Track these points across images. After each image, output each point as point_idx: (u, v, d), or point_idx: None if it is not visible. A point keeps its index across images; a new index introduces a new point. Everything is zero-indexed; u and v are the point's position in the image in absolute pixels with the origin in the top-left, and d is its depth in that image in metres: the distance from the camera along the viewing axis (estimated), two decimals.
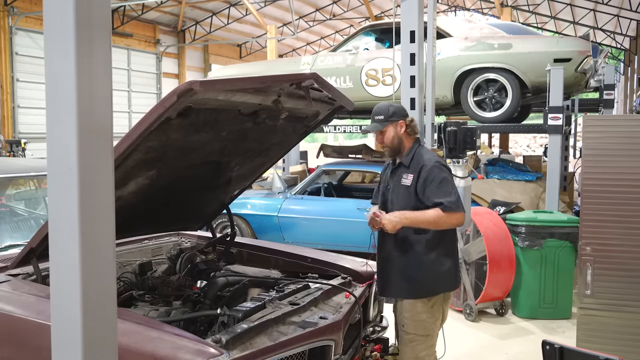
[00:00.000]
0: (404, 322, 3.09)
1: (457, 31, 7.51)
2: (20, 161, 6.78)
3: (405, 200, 3.07)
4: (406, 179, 3.08)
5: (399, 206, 3.06)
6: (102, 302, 1.29)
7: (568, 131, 8.26)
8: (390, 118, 3.12)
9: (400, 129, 3.12)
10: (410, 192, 3.05)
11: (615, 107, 13.99)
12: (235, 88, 2.45)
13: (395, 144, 3.13)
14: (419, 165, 3.07)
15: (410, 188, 3.05)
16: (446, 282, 3.11)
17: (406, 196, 3.07)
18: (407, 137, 3.16)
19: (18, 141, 13.62)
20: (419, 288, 3.05)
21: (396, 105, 3.19)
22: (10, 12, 15.24)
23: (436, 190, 2.97)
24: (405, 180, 3.08)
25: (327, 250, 4.11)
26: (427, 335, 3.08)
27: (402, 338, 3.12)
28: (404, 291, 3.08)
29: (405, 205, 3.04)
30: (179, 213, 3.36)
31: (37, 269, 2.65)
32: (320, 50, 26.33)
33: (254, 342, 2.27)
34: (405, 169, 3.12)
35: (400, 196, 3.10)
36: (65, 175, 1.24)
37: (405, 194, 3.07)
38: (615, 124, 4.11)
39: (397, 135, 3.12)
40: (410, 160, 3.13)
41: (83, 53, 1.21)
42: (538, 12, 22.51)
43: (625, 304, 3.97)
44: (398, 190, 3.12)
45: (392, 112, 3.12)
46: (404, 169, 3.13)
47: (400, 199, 3.09)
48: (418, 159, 3.10)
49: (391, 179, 3.19)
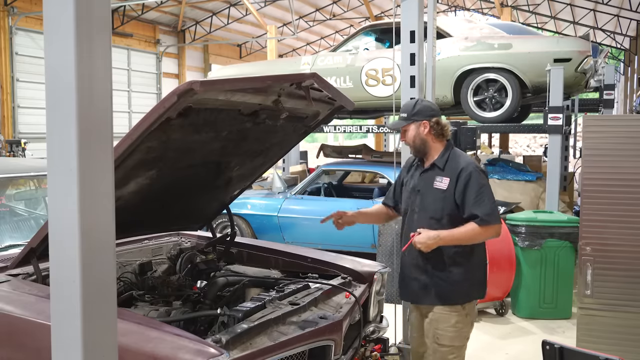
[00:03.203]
0: (438, 334, 2.91)
1: (457, 31, 7.51)
2: (20, 161, 6.78)
3: (440, 205, 2.88)
4: (441, 183, 2.89)
5: (431, 211, 2.89)
6: (102, 302, 1.29)
7: (568, 131, 8.25)
8: (412, 117, 2.95)
9: (424, 130, 2.93)
10: (447, 197, 2.87)
11: (615, 107, 13.99)
12: (236, 88, 2.45)
13: (418, 145, 2.96)
14: (457, 169, 2.88)
15: (447, 192, 2.87)
16: (479, 288, 3.01)
17: (440, 201, 2.88)
18: (434, 139, 2.95)
19: (18, 141, 13.62)
20: (455, 295, 2.91)
21: (424, 103, 3.02)
22: (10, 12, 15.23)
23: (474, 199, 2.81)
24: (439, 183, 2.89)
25: (327, 250, 4.11)
26: (462, 346, 2.95)
27: (437, 351, 2.93)
28: (438, 298, 2.91)
29: (438, 211, 2.88)
30: (179, 213, 3.36)
31: (37, 269, 2.65)
32: (320, 50, 26.33)
33: (254, 342, 2.27)
34: (439, 172, 2.92)
35: (432, 200, 2.91)
36: (65, 175, 1.24)
37: (439, 198, 2.89)
38: (615, 124, 4.11)
39: (419, 135, 2.94)
40: (446, 163, 2.93)
41: (83, 53, 1.21)
42: (538, 12, 22.51)
43: (625, 304, 3.97)
44: (430, 194, 2.92)
45: (416, 111, 2.95)
46: (437, 172, 2.93)
47: (433, 204, 2.90)
48: (455, 162, 2.92)
49: (419, 181, 2.99)
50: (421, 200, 2.95)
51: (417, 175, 3.03)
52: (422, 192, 2.95)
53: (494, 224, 2.82)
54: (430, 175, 2.95)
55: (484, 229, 2.80)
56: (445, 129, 2.96)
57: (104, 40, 1.26)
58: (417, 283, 2.97)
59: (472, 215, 2.80)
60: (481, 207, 2.79)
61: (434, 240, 2.76)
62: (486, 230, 2.80)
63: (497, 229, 2.85)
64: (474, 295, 2.97)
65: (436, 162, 2.95)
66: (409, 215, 3.01)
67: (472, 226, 2.79)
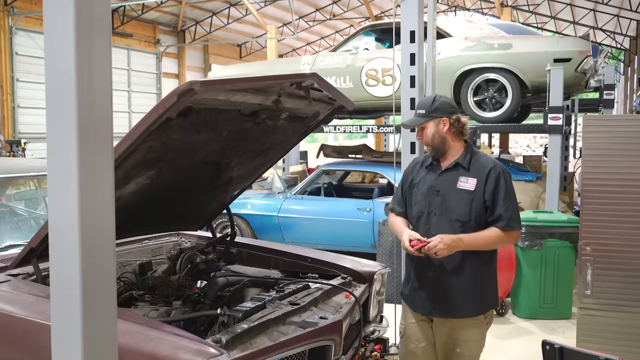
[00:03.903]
0: (459, 344, 2.77)
1: (457, 31, 7.51)
2: (20, 161, 6.78)
3: (467, 206, 2.71)
4: (466, 183, 2.72)
5: (457, 213, 2.71)
6: (102, 302, 1.29)
7: (568, 131, 8.26)
8: (431, 113, 2.78)
9: (443, 127, 2.77)
10: (475, 198, 2.70)
11: (615, 107, 14.00)
12: (236, 88, 2.45)
13: (436, 143, 2.79)
14: (485, 168, 2.74)
15: (475, 193, 2.70)
16: (497, 295, 2.92)
17: (467, 202, 2.71)
18: (453, 137, 2.80)
19: (18, 141, 13.62)
20: (480, 305, 2.79)
21: (443, 100, 2.85)
22: (10, 12, 15.23)
23: (503, 201, 2.68)
24: (464, 184, 2.72)
25: (327, 250, 4.12)
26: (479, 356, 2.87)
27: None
28: (462, 310, 2.76)
29: (465, 213, 2.70)
30: (179, 213, 3.36)
31: (37, 269, 2.65)
32: (320, 50, 26.32)
33: (254, 342, 2.27)
34: (463, 172, 2.76)
35: (457, 202, 2.73)
36: (65, 175, 1.23)
37: (466, 199, 2.71)
38: (615, 124, 4.11)
39: (438, 133, 2.78)
40: (470, 162, 2.77)
41: (83, 53, 1.21)
42: (538, 12, 22.51)
43: (625, 304, 3.97)
44: (453, 195, 2.74)
45: (435, 107, 2.79)
46: (461, 172, 2.76)
47: (459, 206, 2.72)
48: (481, 161, 2.77)
49: (438, 181, 2.80)
50: (442, 202, 2.75)
51: (433, 175, 2.83)
52: (443, 194, 2.76)
53: (517, 230, 2.72)
54: (453, 176, 2.77)
55: (507, 234, 2.68)
56: (465, 127, 2.82)
57: (104, 40, 1.26)
58: (438, 294, 2.78)
59: (499, 218, 2.67)
60: (508, 210, 2.68)
61: (455, 244, 2.60)
62: (509, 236, 2.70)
63: (517, 235, 2.76)
64: (494, 304, 2.89)
65: (459, 161, 2.78)
66: (426, 218, 2.79)
67: (495, 231, 2.67)
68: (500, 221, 2.68)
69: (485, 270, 2.78)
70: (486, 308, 2.82)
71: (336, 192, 7.98)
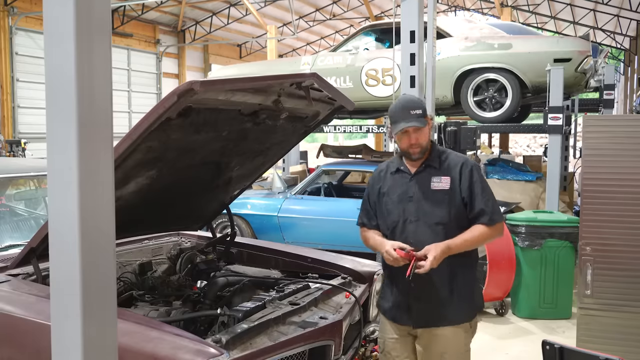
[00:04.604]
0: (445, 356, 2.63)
1: (457, 31, 7.51)
2: (20, 161, 6.78)
3: (446, 208, 2.60)
4: (440, 183, 2.61)
5: (436, 217, 2.59)
6: (102, 302, 1.29)
7: (568, 131, 8.26)
8: (425, 113, 2.65)
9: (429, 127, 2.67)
10: (452, 197, 2.60)
11: (615, 107, 14.00)
12: (236, 88, 2.45)
13: (426, 145, 2.66)
14: (457, 164, 2.65)
15: (452, 192, 2.60)
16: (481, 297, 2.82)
17: (445, 203, 2.60)
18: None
19: (18, 141, 13.62)
20: (466, 313, 2.68)
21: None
22: (10, 12, 15.23)
23: (481, 195, 2.59)
24: (438, 184, 2.62)
25: (327, 250, 4.11)
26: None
27: None
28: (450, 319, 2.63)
29: (444, 215, 2.59)
30: (179, 213, 3.36)
31: (37, 269, 2.65)
32: (320, 50, 26.32)
33: (254, 342, 2.27)
34: (434, 172, 2.65)
35: (434, 204, 2.60)
36: (65, 175, 1.23)
37: (443, 200, 2.60)
38: (615, 124, 4.11)
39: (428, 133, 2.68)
40: (439, 160, 2.67)
41: (83, 53, 1.21)
42: (538, 12, 22.51)
43: (625, 304, 3.97)
44: (428, 198, 2.61)
45: (424, 107, 2.68)
46: (432, 172, 2.65)
47: (436, 208, 2.60)
48: (450, 158, 2.68)
49: (409, 186, 2.66)
50: (418, 207, 2.62)
51: (402, 181, 2.69)
52: (417, 198, 2.63)
53: (500, 221, 2.63)
54: (424, 178, 2.65)
55: (493, 228, 2.60)
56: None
57: (104, 40, 1.26)
58: (422, 305, 2.64)
59: (481, 213, 2.58)
60: (489, 204, 2.60)
61: (443, 252, 2.48)
62: (494, 229, 2.61)
63: (501, 227, 2.67)
64: (480, 307, 2.79)
65: (429, 162, 2.67)
66: (402, 226, 2.64)
67: (480, 228, 2.58)
68: (483, 216, 2.59)
69: (469, 274, 2.69)
70: (474, 313, 2.72)
71: (336, 192, 7.98)
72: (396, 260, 2.51)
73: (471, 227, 2.60)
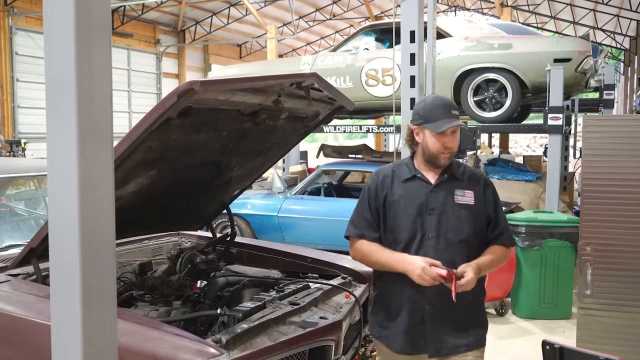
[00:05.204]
0: None
1: (457, 31, 7.51)
2: (20, 161, 6.78)
3: (471, 224, 2.35)
4: (464, 197, 2.36)
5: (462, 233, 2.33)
6: (102, 302, 1.29)
7: (568, 131, 8.26)
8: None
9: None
10: (477, 214, 2.36)
11: (615, 107, 13.99)
12: (236, 88, 2.45)
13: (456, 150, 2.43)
14: (479, 178, 2.43)
15: (476, 208, 2.36)
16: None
17: (470, 219, 2.35)
18: None
19: (18, 141, 13.62)
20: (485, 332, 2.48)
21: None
22: (10, 12, 15.23)
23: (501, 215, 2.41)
24: (462, 197, 2.36)
25: (327, 250, 4.11)
26: None
27: None
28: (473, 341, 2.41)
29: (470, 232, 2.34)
30: (179, 213, 3.36)
31: (37, 269, 2.65)
32: (320, 50, 26.32)
33: (254, 342, 2.27)
34: (458, 184, 2.39)
35: (459, 220, 2.34)
36: (65, 175, 1.23)
37: (467, 216, 2.34)
38: (615, 124, 4.11)
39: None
40: (463, 171, 2.43)
41: (83, 53, 1.21)
42: (538, 12, 22.51)
43: (625, 304, 3.97)
44: (453, 212, 2.34)
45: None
46: (455, 184, 2.38)
47: (461, 224, 2.34)
48: (469, 170, 2.45)
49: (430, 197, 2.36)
50: (439, 222, 2.33)
51: (420, 191, 2.38)
52: (439, 212, 2.33)
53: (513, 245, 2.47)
54: (446, 189, 2.37)
55: (508, 250, 2.42)
56: None
57: (104, 40, 1.26)
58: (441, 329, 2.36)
59: (502, 233, 2.40)
60: (506, 224, 2.44)
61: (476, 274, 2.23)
62: (509, 251, 2.43)
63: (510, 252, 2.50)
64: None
65: (452, 172, 2.40)
66: (419, 243, 2.33)
67: (501, 250, 2.39)
68: (503, 236, 2.41)
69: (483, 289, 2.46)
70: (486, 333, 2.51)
71: (336, 192, 7.98)
72: (432, 280, 2.18)
73: (492, 248, 2.39)
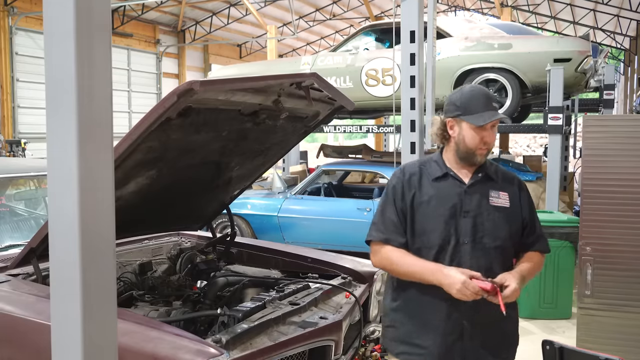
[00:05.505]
0: None
1: (457, 31, 7.51)
2: (20, 161, 6.78)
3: (507, 228, 2.17)
4: (499, 198, 2.18)
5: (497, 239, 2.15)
6: (102, 302, 1.29)
7: (568, 131, 8.26)
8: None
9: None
10: (512, 217, 2.19)
11: (615, 107, 13.99)
12: (236, 88, 2.45)
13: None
14: (512, 179, 2.26)
15: (511, 211, 2.18)
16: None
17: (506, 223, 2.17)
18: None
19: (18, 141, 13.62)
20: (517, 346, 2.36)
21: None
22: (10, 12, 15.23)
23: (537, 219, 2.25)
24: (497, 199, 2.18)
25: (327, 250, 4.11)
26: None
27: None
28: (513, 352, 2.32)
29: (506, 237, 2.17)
30: (179, 213, 3.36)
31: (37, 269, 2.65)
32: (320, 50, 26.32)
33: (254, 342, 2.27)
34: (492, 184, 2.21)
35: (495, 224, 2.16)
36: (65, 175, 1.24)
37: (504, 219, 2.17)
38: (615, 124, 4.11)
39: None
40: (495, 171, 2.25)
41: (83, 53, 1.21)
42: (538, 12, 22.51)
43: (625, 304, 3.97)
44: (489, 215, 2.16)
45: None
46: (490, 184, 2.20)
47: (498, 229, 2.16)
48: (502, 170, 2.27)
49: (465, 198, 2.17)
50: (475, 225, 2.14)
51: (455, 190, 2.18)
52: (474, 214, 2.15)
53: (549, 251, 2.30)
54: (481, 190, 2.19)
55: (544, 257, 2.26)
56: None
57: (104, 40, 1.26)
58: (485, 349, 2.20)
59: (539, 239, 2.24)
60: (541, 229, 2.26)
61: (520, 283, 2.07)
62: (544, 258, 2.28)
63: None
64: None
65: (487, 171, 2.22)
66: (454, 248, 2.14)
67: (538, 256, 2.23)
68: (540, 242, 2.25)
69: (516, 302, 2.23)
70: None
71: (336, 192, 7.98)
72: (474, 295, 2.00)
73: (529, 255, 2.23)
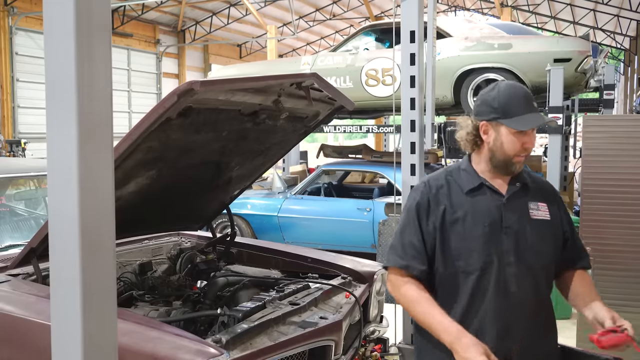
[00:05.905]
0: None
1: (457, 31, 7.51)
2: (20, 161, 6.78)
3: (551, 245, 1.92)
4: (538, 210, 1.91)
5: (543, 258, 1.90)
6: (102, 302, 1.29)
7: (568, 131, 8.26)
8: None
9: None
10: (554, 231, 1.93)
11: (615, 107, 13.98)
12: (236, 88, 2.45)
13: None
14: (549, 188, 2.01)
15: (552, 224, 1.93)
16: None
17: (550, 238, 1.91)
18: None
19: (18, 141, 13.62)
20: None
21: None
22: (10, 12, 15.23)
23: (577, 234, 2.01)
24: (536, 211, 1.91)
25: (327, 250, 4.12)
26: None
27: None
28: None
29: (550, 255, 1.92)
30: (179, 213, 3.36)
31: (37, 269, 2.66)
32: (320, 50, 26.32)
33: (254, 342, 2.27)
34: (529, 195, 1.94)
35: (539, 240, 1.88)
36: (65, 175, 1.23)
37: (546, 235, 1.90)
38: (615, 124, 4.11)
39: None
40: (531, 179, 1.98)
41: (83, 53, 1.21)
42: (538, 12, 22.51)
43: (625, 304, 3.97)
44: (532, 231, 1.88)
45: None
46: (527, 195, 1.93)
47: (542, 246, 1.89)
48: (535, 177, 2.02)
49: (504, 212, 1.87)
50: (517, 243, 1.85)
51: (490, 204, 1.88)
52: (516, 229, 1.86)
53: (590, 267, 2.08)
54: (520, 201, 1.91)
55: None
56: None
57: (104, 40, 1.25)
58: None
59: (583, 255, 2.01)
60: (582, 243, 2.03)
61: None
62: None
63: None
64: None
65: (524, 180, 1.94)
66: (498, 270, 1.84)
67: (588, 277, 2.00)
68: (584, 258, 2.01)
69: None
70: None
71: (336, 192, 7.98)
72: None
73: (580, 276, 1.99)
